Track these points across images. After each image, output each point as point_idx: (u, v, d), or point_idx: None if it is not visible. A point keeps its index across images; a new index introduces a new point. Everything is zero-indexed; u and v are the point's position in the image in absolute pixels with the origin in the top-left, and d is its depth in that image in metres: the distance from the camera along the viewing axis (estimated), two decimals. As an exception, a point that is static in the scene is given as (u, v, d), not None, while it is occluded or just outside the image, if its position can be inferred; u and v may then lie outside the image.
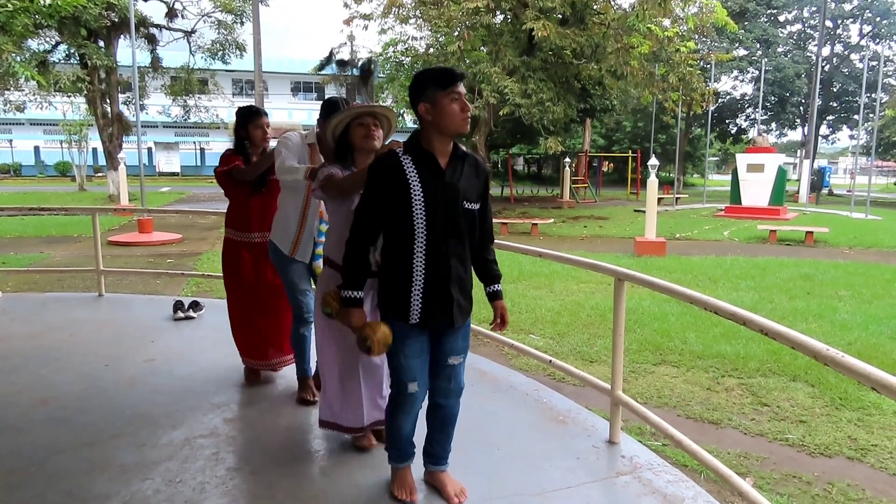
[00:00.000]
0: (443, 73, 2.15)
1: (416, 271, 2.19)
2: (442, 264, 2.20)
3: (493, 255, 2.48)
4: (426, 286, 2.20)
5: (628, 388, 4.16)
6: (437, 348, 2.32)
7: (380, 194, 2.18)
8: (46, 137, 38.20)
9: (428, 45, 18.65)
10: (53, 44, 19.55)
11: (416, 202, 2.14)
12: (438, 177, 2.18)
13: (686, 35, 18.13)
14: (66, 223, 13.54)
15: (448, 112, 2.13)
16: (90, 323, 5.09)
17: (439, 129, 2.16)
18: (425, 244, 2.17)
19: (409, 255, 2.18)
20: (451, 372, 2.36)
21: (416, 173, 2.16)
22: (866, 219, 17.52)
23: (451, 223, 2.20)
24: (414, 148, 2.21)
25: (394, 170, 2.17)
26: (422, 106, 2.15)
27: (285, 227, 3.23)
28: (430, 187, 2.16)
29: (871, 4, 35.49)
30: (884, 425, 3.70)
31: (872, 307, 6.57)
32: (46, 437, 2.98)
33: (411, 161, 2.18)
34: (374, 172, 2.21)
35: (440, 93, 2.13)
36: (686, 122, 32.36)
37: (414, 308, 2.21)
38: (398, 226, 2.18)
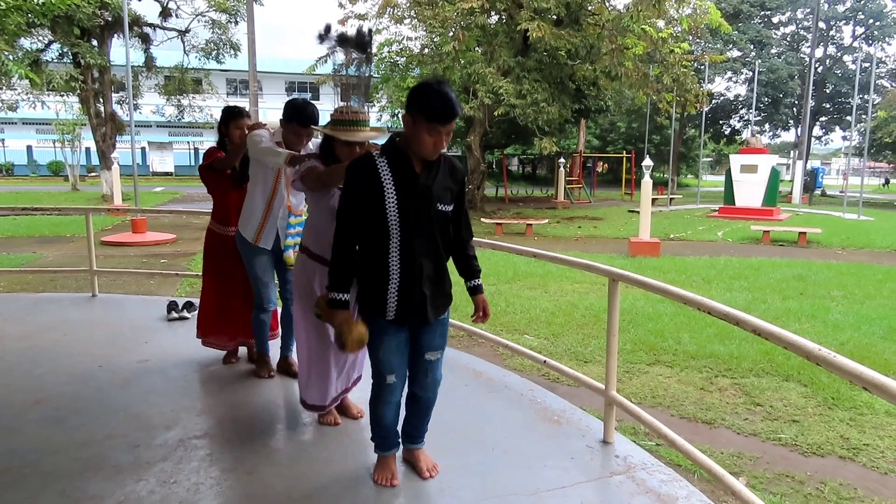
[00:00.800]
0: (435, 109, 2.15)
1: (392, 270, 2.28)
2: (415, 264, 2.27)
3: (472, 252, 2.55)
4: (401, 284, 2.28)
5: (622, 388, 4.18)
6: (416, 344, 2.43)
7: (356, 196, 2.25)
8: (39, 137, 38.00)
9: (423, 46, 18.64)
10: (46, 43, 19.46)
11: (389, 204, 2.21)
12: (412, 180, 2.24)
13: (680, 36, 18.20)
14: (59, 223, 13.47)
15: (421, 140, 2.19)
16: (83, 323, 5.07)
17: (409, 145, 2.24)
18: (399, 245, 2.25)
19: (385, 255, 2.26)
20: (429, 367, 2.47)
21: (391, 176, 2.23)
22: (859, 219, 17.62)
23: (424, 225, 2.28)
24: (391, 150, 2.27)
25: (369, 172, 2.23)
26: (407, 117, 2.21)
27: (251, 215, 3.41)
28: (403, 190, 2.23)
29: (863, 6, 35.69)
30: (876, 425, 3.73)
31: (864, 307, 6.62)
32: (40, 437, 2.97)
33: (387, 163, 2.24)
34: (351, 175, 2.27)
35: (424, 123, 2.16)
36: (680, 123, 32.47)
37: (390, 305, 2.30)
38: (373, 226, 2.25)
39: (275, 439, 3.01)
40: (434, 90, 2.17)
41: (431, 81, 2.19)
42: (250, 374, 3.85)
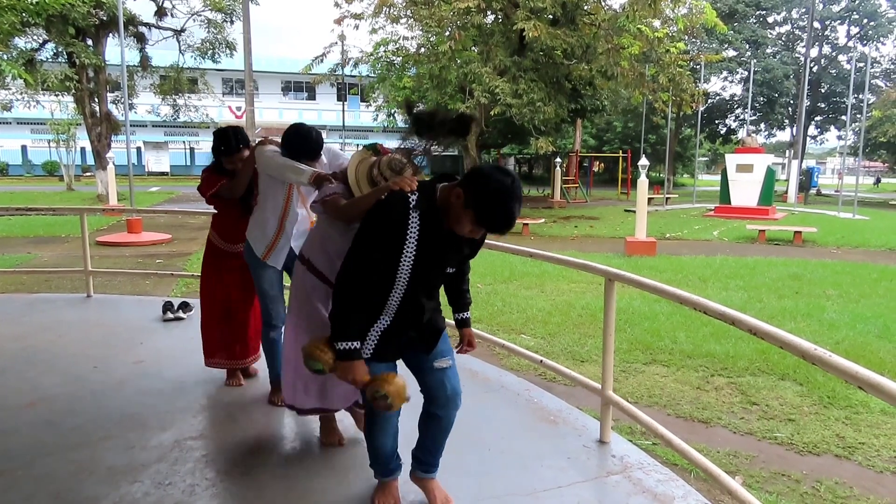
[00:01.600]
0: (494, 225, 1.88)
1: (383, 315, 2.10)
2: (408, 314, 2.11)
3: (467, 285, 2.43)
4: (387, 329, 2.11)
5: (619, 387, 4.18)
6: (417, 356, 2.21)
7: (380, 240, 1.98)
8: (34, 136, 37.83)
9: (419, 45, 18.63)
10: (41, 42, 19.37)
11: (404, 261, 1.99)
12: (438, 245, 2.01)
13: (676, 36, 18.24)
14: (54, 223, 13.42)
15: (461, 226, 1.94)
16: (78, 324, 5.05)
17: (450, 220, 1.96)
18: (400, 297, 2.06)
19: (380, 300, 2.07)
20: (443, 376, 2.20)
21: (418, 235, 1.97)
22: (854, 219, 17.68)
23: (433, 282, 2.14)
24: (428, 206, 1.98)
25: (399, 222, 1.96)
26: (458, 192, 1.90)
27: (262, 230, 3.13)
28: (425, 252, 1.99)
29: (858, 6, 35.83)
30: (871, 423, 3.74)
31: (860, 306, 6.63)
32: (34, 439, 2.96)
33: (419, 218, 1.97)
34: (380, 217, 2.00)
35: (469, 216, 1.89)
36: (676, 123, 32.52)
37: (368, 343, 2.11)
38: (378, 275, 2.04)
39: (270, 440, 3.00)
40: (504, 204, 1.85)
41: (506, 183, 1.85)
42: (246, 377, 3.84)
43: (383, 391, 1.98)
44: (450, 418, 2.27)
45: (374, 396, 2.00)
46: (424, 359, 2.20)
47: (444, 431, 2.30)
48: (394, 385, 2.00)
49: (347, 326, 2.03)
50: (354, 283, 2.01)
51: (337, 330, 2.04)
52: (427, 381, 2.22)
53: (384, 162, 2.33)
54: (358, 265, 2.00)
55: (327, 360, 2.07)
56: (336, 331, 2.04)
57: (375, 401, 2.00)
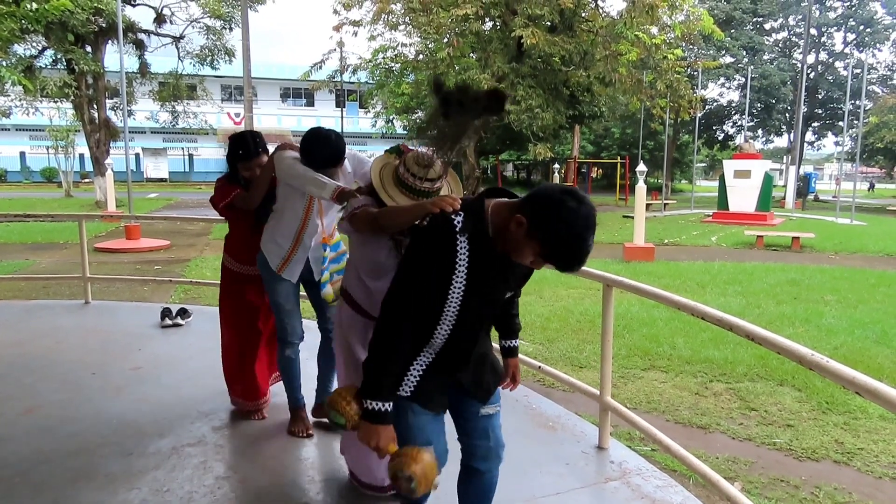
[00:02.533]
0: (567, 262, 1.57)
1: (425, 354, 1.80)
2: (458, 354, 1.82)
3: (516, 309, 2.14)
4: (429, 368, 1.81)
5: (617, 393, 4.18)
6: (462, 399, 1.90)
7: (421, 275, 1.69)
8: (32, 143, 37.79)
9: (417, 52, 18.69)
10: (40, 49, 19.41)
11: (453, 295, 1.69)
12: (490, 273, 1.71)
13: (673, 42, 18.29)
14: (53, 230, 13.41)
15: (524, 255, 1.62)
16: (76, 331, 5.04)
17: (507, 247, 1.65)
18: (446, 335, 1.76)
19: (425, 338, 1.78)
20: (488, 425, 1.92)
21: (468, 263, 1.66)
22: (851, 224, 17.72)
23: (484, 317, 1.83)
24: (477, 231, 1.67)
25: (444, 250, 1.66)
26: (519, 219, 1.57)
27: (278, 240, 2.93)
28: (476, 282, 1.70)
29: (854, 13, 36.01)
30: (870, 429, 3.74)
31: (858, 312, 6.64)
32: (31, 446, 2.95)
33: (467, 243, 1.67)
34: (421, 249, 1.71)
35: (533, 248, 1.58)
36: (674, 129, 32.62)
37: (408, 382, 1.79)
38: (422, 310, 1.73)
39: (269, 447, 2.99)
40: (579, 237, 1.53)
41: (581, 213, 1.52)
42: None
43: (408, 471, 1.64)
44: (493, 474, 1.98)
45: (395, 475, 1.68)
46: (471, 403, 1.91)
47: (488, 491, 1.99)
48: (421, 464, 1.65)
49: (381, 383, 1.72)
50: (398, 330, 1.71)
51: (368, 384, 1.73)
52: (468, 429, 1.92)
53: (410, 158, 2.10)
54: (402, 307, 1.71)
55: (352, 416, 1.77)
56: (367, 385, 1.73)
57: (397, 480, 1.68)
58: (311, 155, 2.66)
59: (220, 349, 3.40)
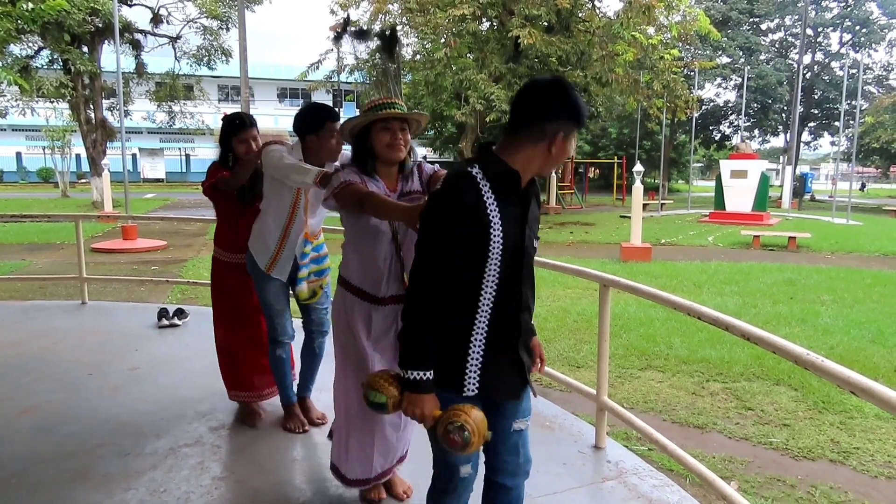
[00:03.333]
0: (583, 111, 1.64)
1: (477, 330, 1.69)
2: (510, 320, 1.72)
3: None
4: (487, 348, 1.70)
5: (614, 393, 4.19)
6: (497, 414, 1.78)
7: (453, 230, 1.62)
8: (29, 143, 37.73)
9: (415, 52, 18.71)
10: (36, 49, 19.38)
11: (494, 245, 1.62)
12: (519, 208, 1.68)
13: (670, 43, 18.34)
14: (49, 230, 13.38)
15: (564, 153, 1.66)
16: (73, 331, 5.03)
17: (545, 165, 1.67)
18: (494, 297, 1.67)
19: (471, 310, 1.68)
20: (518, 441, 1.85)
21: (496, 204, 1.63)
22: (847, 224, 17.77)
23: (526, 267, 1.73)
24: (496, 169, 1.65)
25: (474, 198, 1.61)
26: (561, 133, 1.62)
27: (264, 240, 2.95)
28: (509, 224, 1.65)
29: (850, 13, 36.10)
30: (865, 428, 3.75)
31: (854, 311, 6.66)
32: (28, 447, 2.95)
33: (490, 187, 1.64)
34: (449, 200, 1.63)
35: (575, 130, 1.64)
36: (670, 129, 32.68)
37: (470, 377, 1.70)
38: (462, 273, 1.66)
39: (266, 448, 2.99)
40: (570, 88, 1.64)
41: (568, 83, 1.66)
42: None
43: (459, 421, 1.60)
44: (520, 489, 1.92)
45: (447, 430, 1.61)
46: (504, 414, 1.81)
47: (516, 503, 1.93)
48: (473, 416, 1.61)
49: (420, 351, 1.67)
50: (430, 297, 1.65)
51: (406, 356, 1.68)
52: (498, 445, 1.83)
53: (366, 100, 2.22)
54: (438, 272, 1.64)
55: (393, 394, 1.74)
56: (405, 356, 1.68)
57: (448, 435, 1.61)
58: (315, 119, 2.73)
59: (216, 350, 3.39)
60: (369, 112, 2.20)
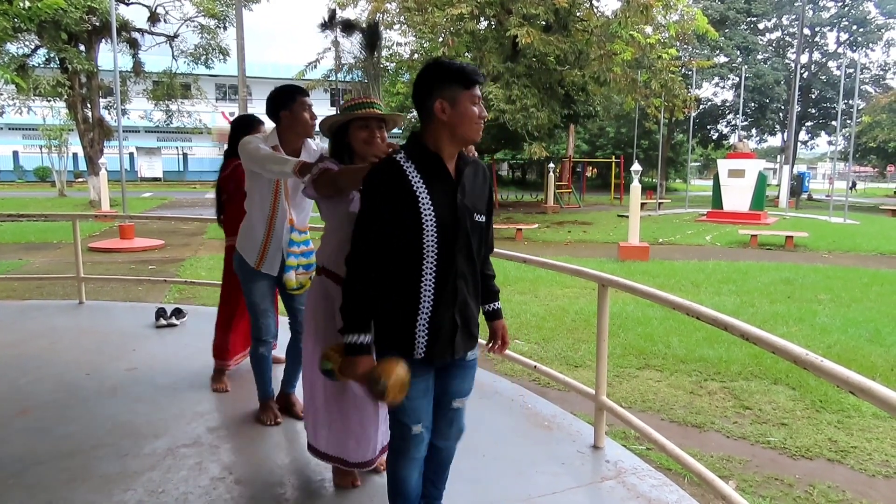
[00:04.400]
0: (467, 72, 1.83)
1: (424, 298, 1.87)
2: (449, 287, 1.89)
3: (492, 271, 2.22)
4: (433, 314, 1.88)
5: (612, 392, 4.19)
6: (441, 389, 2.05)
7: (382, 210, 1.83)
8: (25, 142, 37.64)
9: (412, 51, 18.70)
10: (33, 48, 19.32)
11: (426, 217, 1.82)
12: (448, 184, 1.87)
13: (668, 42, 18.34)
14: (46, 229, 13.35)
15: (468, 115, 1.83)
16: (70, 331, 5.02)
17: (453, 132, 1.85)
18: (435, 266, 1.85)
19: (416, 280, 1.85)
20: (454, 415, 2.11)
21: (423, 182, 1.83)
22: (844, 223, 17.80)
23: (463, 240, 1.89)
24: (418, 152, 1.87)
25: (397, 179, 1.82)
26: (438, 103, 1.81)
27: (251, 235, 3.00)
28: (439, 198, 1.84)
29: (847, 13, 36.17)
30: (863, 427, 3.76)
31: (851, 310, 6.68)
32: (25, 447, 2.94)
33: (415, 168, 1.85)
34: (375, 184, 1.85)
35: (463, 92, 1.82)
36: (668, 128, 32.69)
37: (419, 339, 1.88)
38: (402, 246, 1.84)
39: (264, 448, 2.99)
40: (451, 62, 1.86)
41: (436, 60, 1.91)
42: (238, 382, 3.82)
43: (375, 375, 1.79)
44: (451, 449, 2.18)
45: (370, 381, 1.80)
46: (447, 392, 2.06)
47: (447, 462, 2.20)
48: (393, 375, 1.77)
49: (358, 317, 1.86)
50: (364, 265, 1.85)
51: (346, 321, 1.87)
52: (439, 415, 2.08)
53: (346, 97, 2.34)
54: (366, 240, 1.85)
55: (337, 359, 1.94)
56: (345, 323, 1.87)
57: (370, 388, 1.82)
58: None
59: None
60: (348, 110, 2.34)
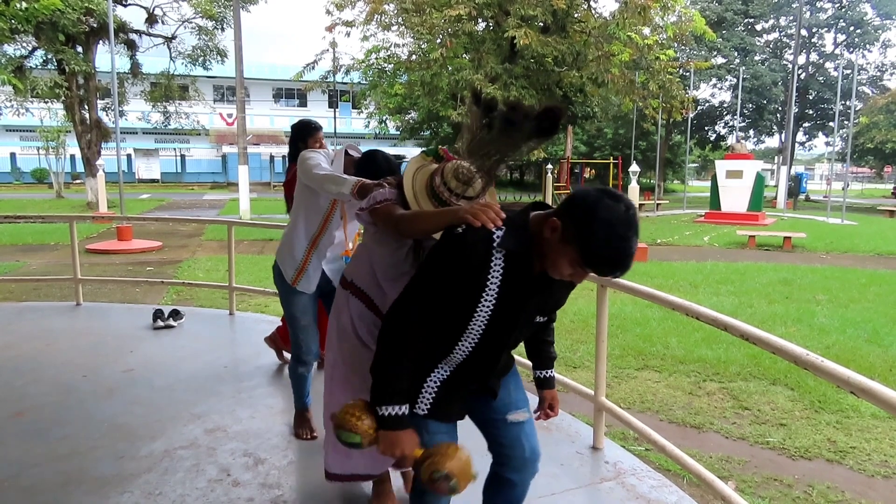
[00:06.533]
0: (606, 262, 1.44)
1: (440, 368, 1.69)
2: (477, 369, 1.70)
3: (552, 336, 1.98)
4: (447, 382, 1.69)
5: (611, 393, 4.18)
6: (485, 408, 1.79)
7: (447, 287, 1.55)
8: (23, 144, 37.52)
9: (410, 52, 18.69)
10: (30, 49, 19.29)
11: (480, 313, 1.57)
12: (524, 293, 1.59)
13: (665, 43, 18.38)
14: (43, 231, 13.31)
15: (560, 266, 1.49)
16: (67, 332, 5.00)
17: (545, 258, 1.52)
18: (466, 353, 1.65)
19: (439, 353, 1.66)
20: (519, 432, 1.80)
21: (500, 281, 1.54)
22: (842, 224, 17.83)
23: (509, 337, 1.68)
24: (516, 245, 1.53)
25: (480, 265, 1.53)
26: (553, 222, 1.46)
27: (291, 249, 2.82)
28: (507, 302, 1.57)
29: (845, 14, 36.25)
30: (862, 427, 3.76)
31: (849, 311, 6.68)
32: (21, 450, 2.92)
33: (503, 261, 1.53)
34: (452, 259, 1.54)
35: (569, 254, 1.46)
36: (666, 129, 32.71)
37: (424, 398, 1.68)
38: (443, 321, 1.61)
39: (262, 450, 2.98)
40: (619, 237, 1.40)
41: (619, 211, 1.40)
42: (235, 383, 3.82)
43: (444, 469, 1.52)
44: (525, 485, 1.87)
45: (432, 478, 1.54)
46: (493, 408, 1.79)
47: (517, 501, 1.89)
48: (457, 460, 1.53)
49: (393, 386, 1.58)
50: (408, 333, 1.58)
51: (380, 390, 1.58)
52: (499, 437, 1.81)
53: (449, 169, 1.86)
54: (416, 312, 1.58)
55: (366, 431, 1.59)
56: (378, 391, 1.58)
57: (434, 483, 1.54)
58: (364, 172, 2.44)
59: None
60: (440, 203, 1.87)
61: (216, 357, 4.32)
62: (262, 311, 6.20)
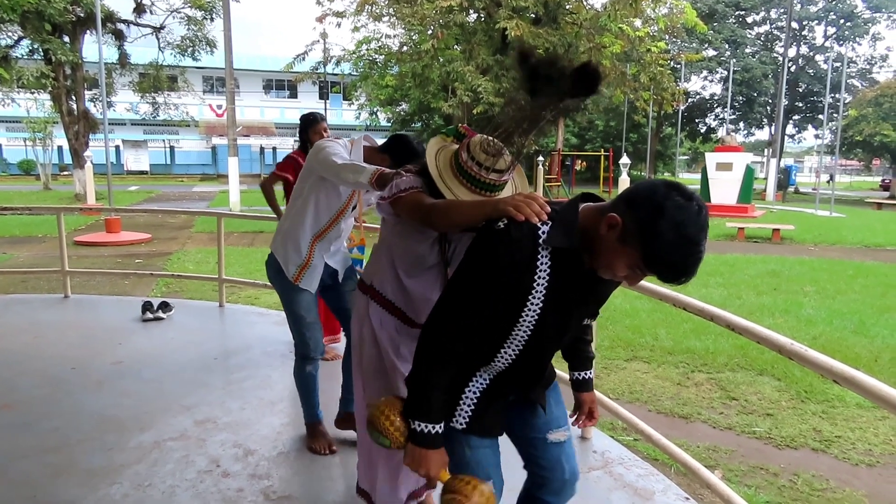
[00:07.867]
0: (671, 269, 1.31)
1: (477, 378, 1.54)
2: (519, 377, 1.56)
3: (590, 335, 1.86)
4: (486, 391, 1.55)
5: (600, 383, 4.21)
6: (524, 424, 1.65)
7: (489, 292, 1.39)
8: (9, 135, 37.08)
9: (401, 44, 18.61)
10: (16, 39, 19.04)
11: (525, 319, 1.42)
12: (572, 293, 1.44)
13: (657, 35, 18.41)
14: (31, 223, 13.19)
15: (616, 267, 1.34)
16: (56, 325, 4.97)
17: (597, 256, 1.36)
18: (508, 362, 1.51)
19: (479, 363, 1.53)
20: (560, 454, 1.66)
21: (548, 282, 1.38)
22: (831, 216, 17.97)
23: (554, 342, 1.57)
24: (565, 244, 1.37)
25: (526, 267, 1.37)
26: (612, 218, 1.29)
27: (297, 242, 2.62)
28: (554, 304, 1.41)
29: (835, 7, 36.43)
30: (847, 417, 3.81)
31: (836, 302, 6.75)
32: (9, 442, 2.91)
33: (549, 259, 1.37)
34: (494, 260, 1.37)
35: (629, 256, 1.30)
36: (657, 122, 32.83)
37: (462, 411, 1.54)
38: (483, 329, 1.45)
39: (252, 441, 2.98)
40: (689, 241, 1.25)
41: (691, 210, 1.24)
42: (225, 375, 3.81)
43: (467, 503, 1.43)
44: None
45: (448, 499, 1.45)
46: (533, 426, 1.65)
47: None
48: (479, 496, 1.43)
49: (429, 402, 1.44)
50: (449, 344, 1.43)
51: (414, 403, 1.46)
52: (537, 458, 1.68)
53: (475, 143, 1.72)
54: (456, 321, 1.42)
55: (397, 438, 1.48)
56: (413, 404, 1.46)
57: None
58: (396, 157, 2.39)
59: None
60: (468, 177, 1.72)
61: (206, 349, 4.31)
62: (252, 303, 6.18)
